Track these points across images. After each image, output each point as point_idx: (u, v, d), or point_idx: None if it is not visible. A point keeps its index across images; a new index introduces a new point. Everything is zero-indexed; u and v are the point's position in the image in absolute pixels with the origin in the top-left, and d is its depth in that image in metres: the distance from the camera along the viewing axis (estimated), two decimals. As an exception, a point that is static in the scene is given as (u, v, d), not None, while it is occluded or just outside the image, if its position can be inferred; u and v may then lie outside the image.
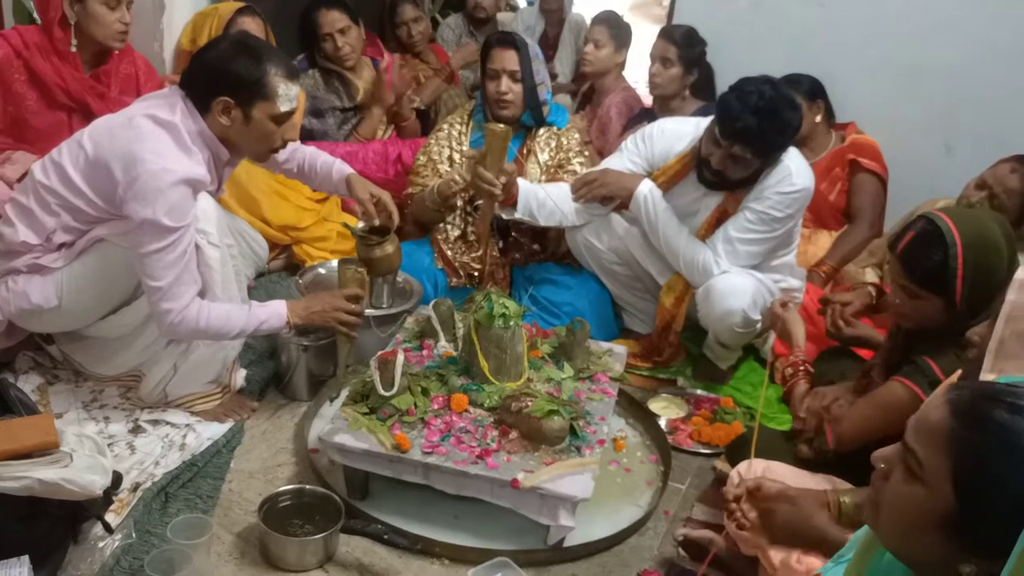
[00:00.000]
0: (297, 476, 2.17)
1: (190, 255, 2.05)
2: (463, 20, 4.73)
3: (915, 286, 1.84)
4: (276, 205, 3.09)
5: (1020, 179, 2.51)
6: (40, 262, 2.13)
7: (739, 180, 2.54)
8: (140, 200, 1.96)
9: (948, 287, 1.79)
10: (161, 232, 1.97)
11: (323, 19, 3.47)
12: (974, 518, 0.97)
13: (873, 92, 3.37)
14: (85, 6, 2.49)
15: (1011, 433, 0.96)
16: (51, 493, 1.61)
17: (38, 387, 2.32)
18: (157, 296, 2.03)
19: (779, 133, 2.43)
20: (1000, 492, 0.96)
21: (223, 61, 2.05)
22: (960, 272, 1.77)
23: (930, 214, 1.84)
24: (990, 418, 0.98)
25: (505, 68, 2.87)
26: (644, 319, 2.94)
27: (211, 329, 2.09)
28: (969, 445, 0.98)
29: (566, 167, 2.99)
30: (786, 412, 2.50)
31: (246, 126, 2.09)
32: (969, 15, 3.21)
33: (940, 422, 1.00)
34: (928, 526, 1.00)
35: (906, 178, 3.24)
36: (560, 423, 1.98)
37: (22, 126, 2.55)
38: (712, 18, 3.51)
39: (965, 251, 1.77)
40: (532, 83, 2.89)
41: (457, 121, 3.08)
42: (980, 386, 1.07)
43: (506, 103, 2.89)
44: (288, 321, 2.20)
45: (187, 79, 2.11)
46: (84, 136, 2.09)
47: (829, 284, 3.06)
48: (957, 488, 0.97)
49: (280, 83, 2.07)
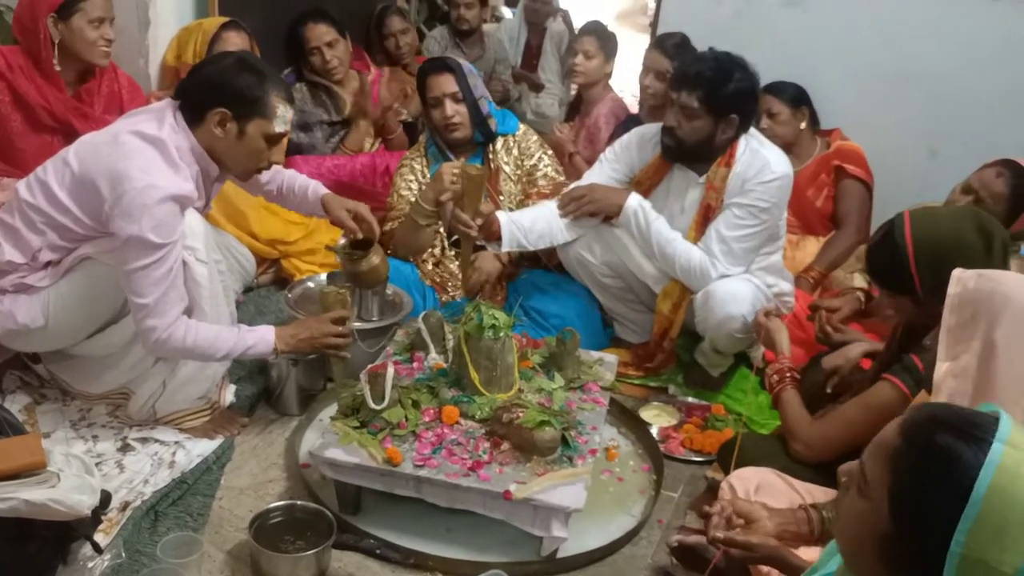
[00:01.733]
0: (288, 492, 2.16)
1: (177, 272, 2.04)
2: (448, 32, 4.74)
3: (882, 286, 1.91)
4: (264, 219, 3.08)
5: (1005, 183, 2.53)
6: (26, 281, 2.12)
7: (694, 144, 2.57)
8: (126, 217, 1.95)
9: (906, 285, 1.84)
10: (147, 248, 1.96)
11: (310, 33, 3.48)
12: (902, 535, 0.96)
13: (857, 98, 3.39)
14: (69, 24, 2.49)
15: (950, 458, 0.94)
16: (38, 514, 1.60)
17: (25, 407, 2.31)
18: (143, 313, 2.01)
19: (723, 80, 2.48)
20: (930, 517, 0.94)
21: (227, 75, 2.07)
22: (913, 270, 1.81)
23: (896, 216, 1.89)
24: (933, 441, 0.96)
25: (445, 92, 2.87)
26: (635, 329, 2.94)
27: (197, 349, 2.08)
28: (908, 463, 0.97)
29: (535, 176, 2.98)
30: (776, 419, 2.51)
31: (238, 141, 2.09)
32: (952, 21, 3.24)
33: (889, 439, 1.00)
34: (869, 546, 0.99)
35: (891, 183, 3.26)
36: (552, 433, 1.98)
37: (8, 148, 2.55)
38: (695, 26, 3.52)
39: (917, 249, 1.81)
40: (473, 99, 2.89)
41: (416, 157, 3.05)
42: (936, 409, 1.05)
43: (454, 126, 2.89)
44: (275, 348, 2.19)
45: (185, 88, 2.13)
46: (69, 154, 2.08)
47: (817, 290, 3.07)
48: (892, 507, 0.97)
49: (279, 104, 2.09)
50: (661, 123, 2.73)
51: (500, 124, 3.01)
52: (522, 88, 4.88)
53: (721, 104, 2.51)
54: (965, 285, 1.53)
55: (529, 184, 2.98)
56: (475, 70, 2.99)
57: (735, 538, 1.57)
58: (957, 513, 0.92)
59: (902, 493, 0.96)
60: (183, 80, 2.15)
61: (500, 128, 3.00)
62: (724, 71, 2.48)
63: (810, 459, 1.95)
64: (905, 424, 1.00)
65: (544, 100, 4.84)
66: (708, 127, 2.54)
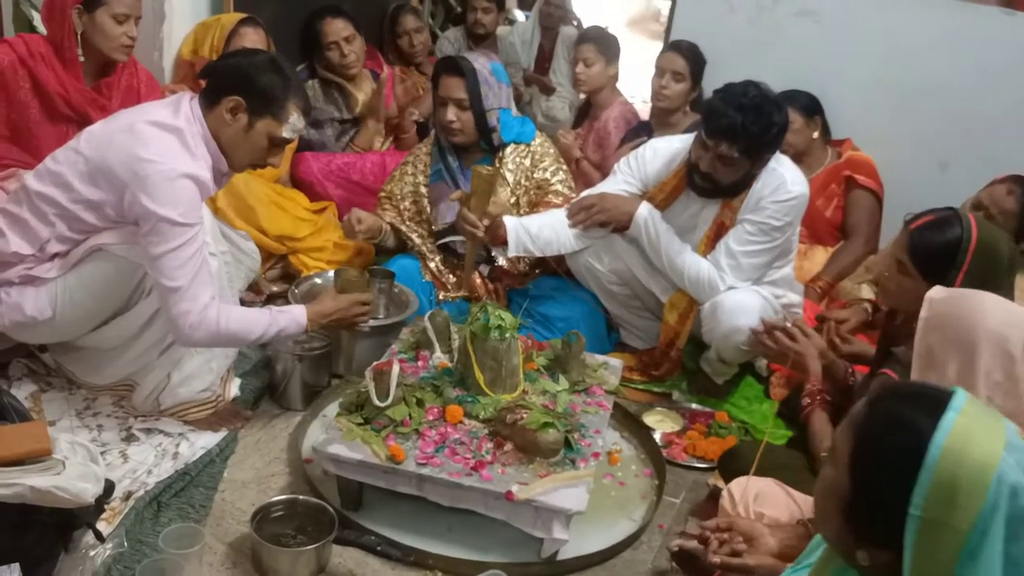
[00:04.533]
0: (290, 486, 2.16)
1: (204, 254, 2.04)
2: (462, 35, 4.75)
3: (912, 263, 1.89)
4: (273, 215, 3.09)
5: (1016, 200, 2.53)
6: (33, 273, 2.11)
7: (730, 185, 2.55)
8: (152, 198, 1.96)
9: (944, 276, 1.82)
10: (174, 229, 1.96)
11: (328, 28, 3.49)
12: (862, 501, 1.02)
13: (868, 109, 3.39)
14: (93, 18, 2.51)
15: (905, 425, 1.00)
16: (43, 500, 1.60)
17: (31, 394, 2.31)
18: (175, 298, 1.99)
19: (764, 130, 2.43)
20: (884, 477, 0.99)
21: (256, 68, 2.08)
22: (966, 267, 1.82)
23: (958, 209, 1.90)
24: (893, 409, 1.03)
25: (451, 96, 2.79)
26: (641, 336, 2.94)
27: (230, 332, 2.06)
28: (867, 428, 1.03)
29: (547, 189, 2.92)
30: (780, 427, 2.51)
31: (244, 133, 2.10)
32: (965, 34, 3.24)
33: (856, 410, 1.06)
34: (835, 510, 1.05)
35: (901, 195, 3.25)
36: (555, 435, 1.98)
37: (26, 135, 2.56)
38: (709, 34, 3.53)
39: (976, 251, 1.82)
40: (481, 109, 2.80)
41: (421, 153, 3.04)
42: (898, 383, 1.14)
43: (453, 131, 2.83)
44: (306, 329, 2.21)
45: (213, 69, 2.16)
46: (80, 143, 2.08)
47: (825, 300, 3.07)
48: (851, 471, 1.03)
49: (294, 112, 2.11)
50: (679, 141, 2.71)
51: (518, 132, 2.93)
52: (533, 91, 4.89)
53: (762, 150, 2.49)
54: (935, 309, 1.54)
55: (538, 196, 2.93)
56: (500, 78, 2.87)
57: (731, 562, 1.57)
58: (911, 478, 0.97)
59: (861, 457, 1.02)
60: (213, 61, 2.16)
61: (516, 137, 2.93)
62: (764, 120, 2.41)
63: None
64: (869, 396, 1.07)
65: (555, 103, 4.84)
66: (745, 169, 2.51)
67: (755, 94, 2.42)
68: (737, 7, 3.61)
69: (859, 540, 1.03)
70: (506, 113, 2.91)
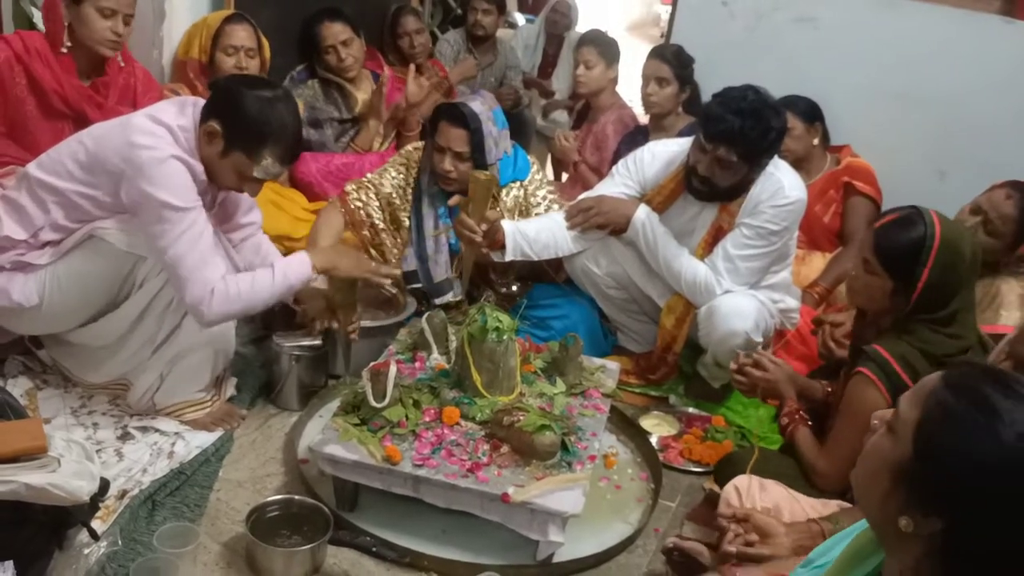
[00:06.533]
0: (286, 486, 2.16)
1: (209, 232, 2.06)
2: (462, 36, 4.75)
3: (878, 261, 1.91)
4: (271, 215, 3.08)
5: (1015, 205, 2.53)
6: (24, 259, 2.11)
7: (727, 188, 2.56)
8: (150, 182, 1.98)
9: (909, 274, 1.87)
10: (176, 215, 1.99)
11: (326, 31, 3.48)
12: (921, 469, 1.00)
13: (867, 116, 3.40)
14: (79, 10, 2.50)
15: (988, 404, 0.98)
16: (38, 498, 1.60)
17: (27, 391, 2.31)
18: (187, 283, 2.01)
19: (762, 135, 2.44)
20: (952, 452, 0.98)
21: (248, 100, 2.05)
22: (929, 264, 1.84)
23: (921, 208, 1.92)
24: (975, 387, 1.00)
25: (451, 147, 2.70)
26: (639, 339, 2.94)
27: (242, 298, 2.07)
28: (942, 402, 1.00)
29: (532, 201, 2.90)
30: (776, 431, 2.50)
31: (218, 159, 2.10)
32: (964, 42, 3.24)
33: (930, 383, 1.04)
34: (883, 471, 1.04)
35: (899, 202, 3.16)
36: (551, 438, 1.98)
37: (22, 132, 2.55)
38: (708, 40, 3.54)
39: (940, 248, 1.85)
40: (484, 164, 2.71)
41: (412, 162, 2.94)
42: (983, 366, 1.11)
43: (450, 181, 2.75)
44: (313, 266, 2.21)
45: (216, 84, 2.19)
46: (83, 135, 2.11)
47: (822, 305, 3.07)
48: (916, 437, 1.01)
49: (268, 158, 2.08)
50: (678, 144, 2.72)
51: (511, 168, 2.87)
52: (532, 94, 4.90)
53: (759, 154, 2.50)
54: None
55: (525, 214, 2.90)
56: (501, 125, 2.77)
57: (748, 552, 1.58)
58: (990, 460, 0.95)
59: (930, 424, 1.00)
60: (220, 78, 2.17)
61: (511, 175, 2.88)
62: (763, 125, 2.42)
63: (835, 487, 1.94)
64: (948, 374, 1.04)
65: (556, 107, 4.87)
66: (743, 172, 2.52)
67: (754, 98, 2.43)
68: (737, 13, 3.61)
69: (907, 505, 1.01)
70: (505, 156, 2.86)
